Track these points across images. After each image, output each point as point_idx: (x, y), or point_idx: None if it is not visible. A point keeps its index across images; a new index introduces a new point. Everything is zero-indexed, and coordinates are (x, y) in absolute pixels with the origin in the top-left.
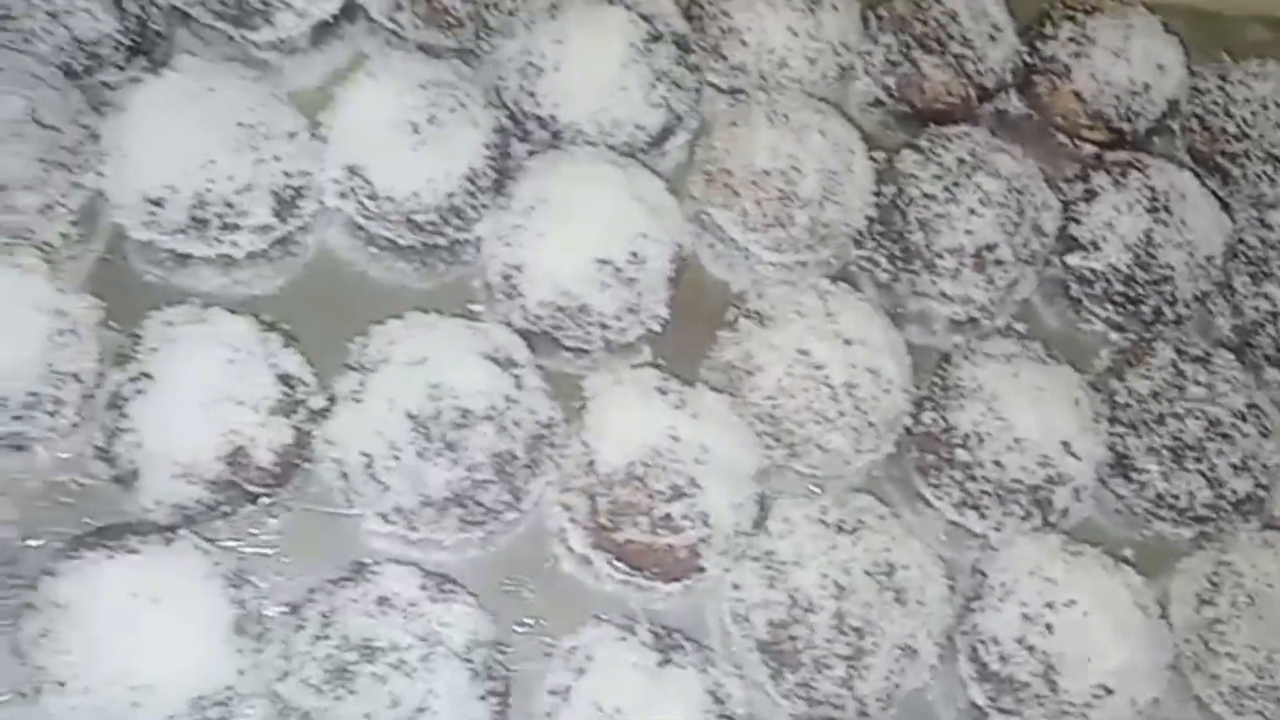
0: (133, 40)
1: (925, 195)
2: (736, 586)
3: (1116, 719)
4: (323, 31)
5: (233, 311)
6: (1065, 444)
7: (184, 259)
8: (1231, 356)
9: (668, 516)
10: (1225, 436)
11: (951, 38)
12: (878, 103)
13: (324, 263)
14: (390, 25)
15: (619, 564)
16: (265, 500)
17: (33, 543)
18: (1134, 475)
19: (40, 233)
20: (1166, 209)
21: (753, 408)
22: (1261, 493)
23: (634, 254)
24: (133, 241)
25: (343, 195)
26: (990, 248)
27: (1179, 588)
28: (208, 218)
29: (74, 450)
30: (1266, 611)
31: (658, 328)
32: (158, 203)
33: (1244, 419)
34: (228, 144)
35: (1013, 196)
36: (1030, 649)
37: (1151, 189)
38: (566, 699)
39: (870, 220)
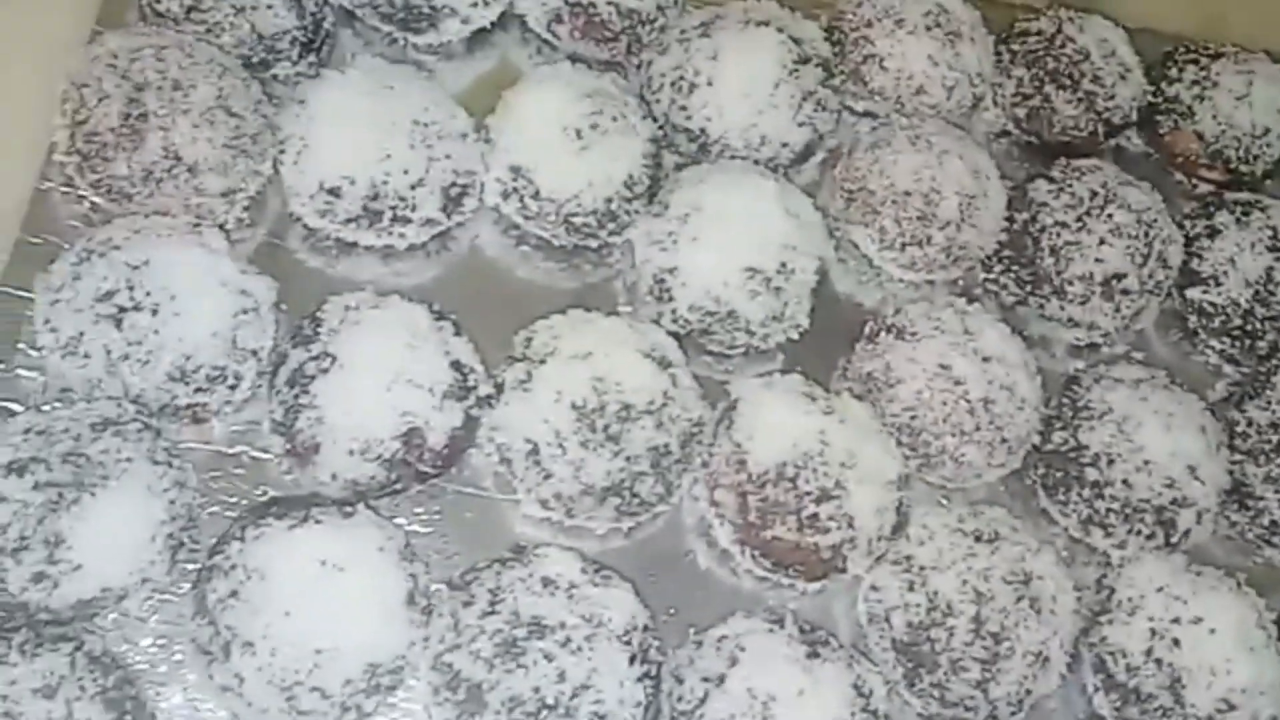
0: (308, 37)
1: (1058, 223)
2: (875, 588)
3: None
4: (478, 38)
5: (408, 299)
6: (1191, 468)
7: (348, 248)
8: None
9: (815, 516)
10: None
11: (1084, 75)
12: (1004, 133)
13: (476, 260)
14: (547, 36)
15: (763, 560)
16: (432, 483)
17: (209, 510)
18: (1250, 503)
19: (219, 216)
20: None
21: (891, 418)
22: None
23: (783, 264)
24: (298, 229)
25: (505, 195)
26: (1119, 277)
27: None
28: (381, 209)
29: (247, 424)
30: None
31: (796, 336)
32: (334, 192)
33: None
34: (404, 140)
35: (1141, 229)
36: (1158, 662)
37: (1273, 229)
38: (720, 685)
39: (1000, 245)
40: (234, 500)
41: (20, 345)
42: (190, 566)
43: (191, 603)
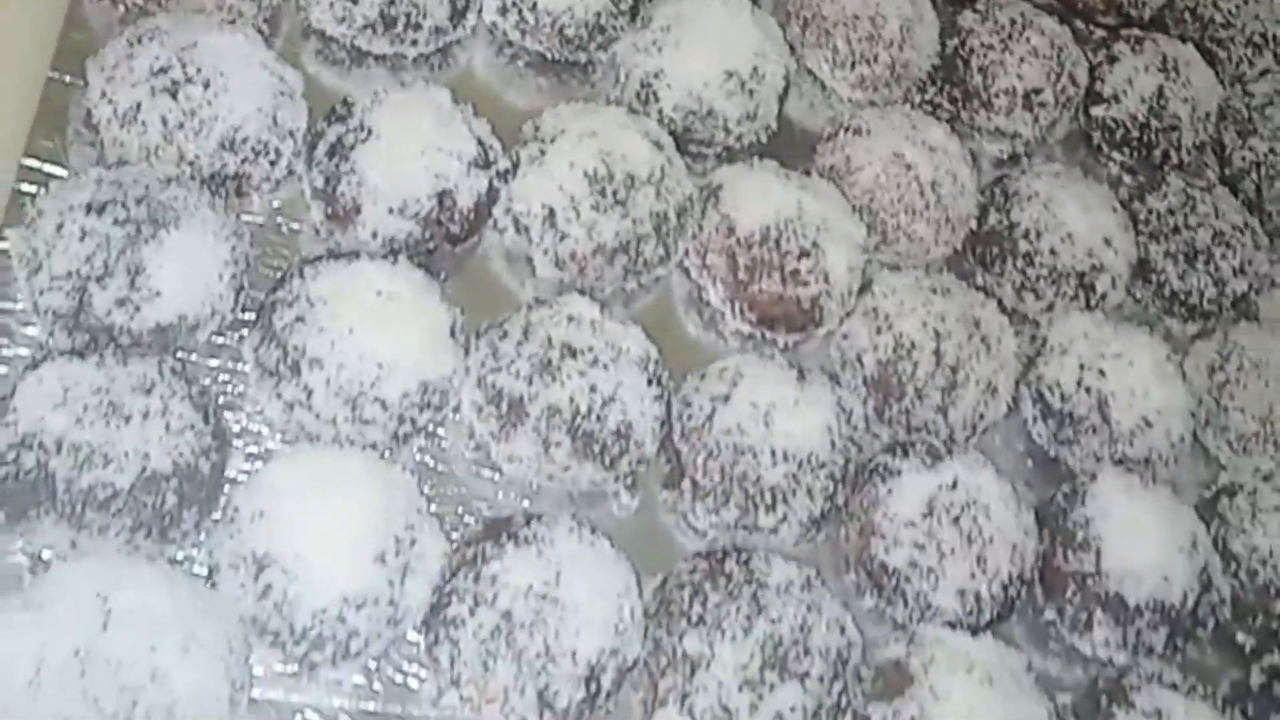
0: None
1: (984, 45)
2: (846, 336)
3: (1155, 448)
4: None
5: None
6: (1107, 239)
7: (360, 59)
8: (1225, 190)
9: (796, 271)
10: (1227, 245)
11: None
12: None
13: (474, 78)
14: None
15: (749, 315)
16: (459, 247)
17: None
18: (1153, 277)
19: (248, 18)
20: (1175, 70)
21: (853, 201)
22: (1255, 294)
23: (755, 68)
24: (312, 44)
25: (504, 10)
26: (1037, 91)
27: (1192, 363)
28: (397, 15)
29: (284, 199)
30: (1267, 375)
31: (766, 139)
32: None
33: (1241, 231)
34: None
35: (1054, 50)
36: (1087, 389)
37: (1163, 55)
38: (726, 401)
39: (934, 68)
40: (278, 267)
41: (71, 125)
42: (249, 314)
43: (257, 334)
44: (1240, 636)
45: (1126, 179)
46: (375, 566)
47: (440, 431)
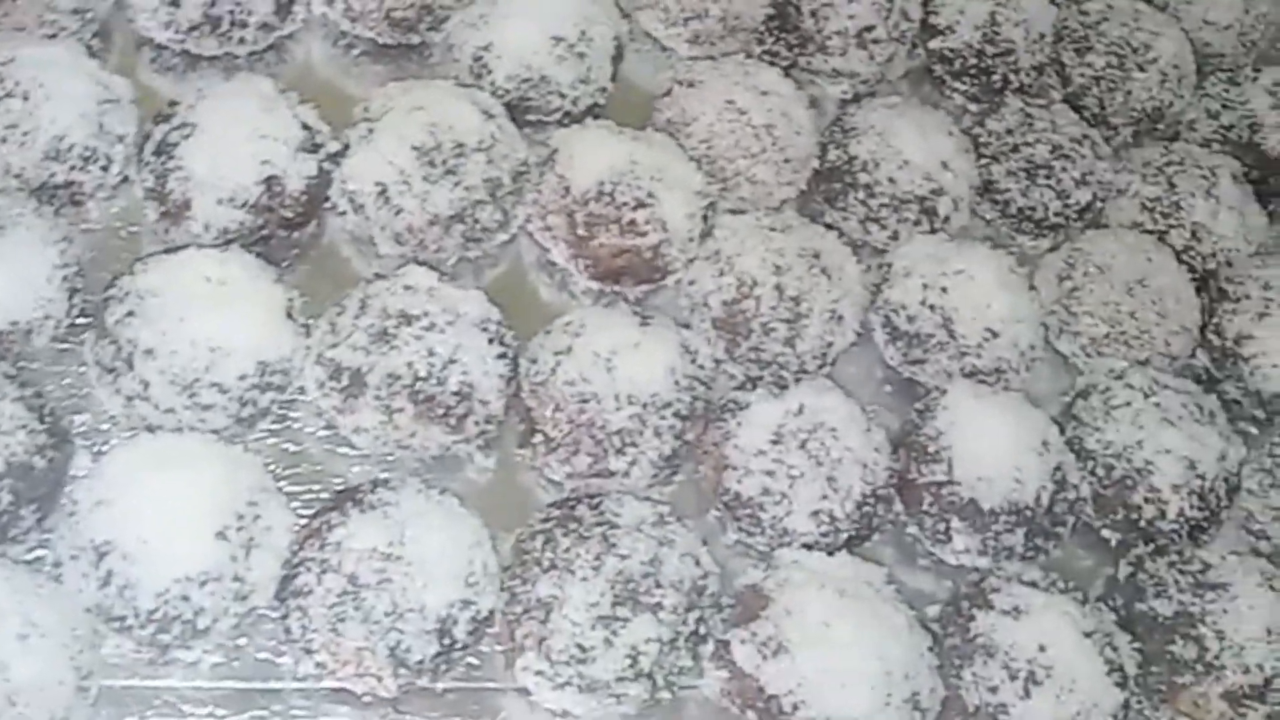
0: None
1: None
2: (692, 281)
3: (1003, 358)
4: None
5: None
6: (944, 163)
7: (193, 62)
8: (1065, 107)
9: (633, 222)
10: (1067, 156)
11: None
12: None
13: (310, 70)
14: None
15: (594, 269)
16: (296, 234)
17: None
18: (998, 196)
19: (72, 33)
20: None
21: (691, 152)
22: (1099, 203)
23: (582, 32)
24: (146, 52)
25: (330, 1)
26: (870, 29)
27: (1042, 275)
28: (220, 15)
29: (120, 206)
30: (1112, 277)
31: (603, 101)
32: (175, 2)
33: (1080, 143)
34: None
35: None
36: (931, 307)
37: None
38: (569, 352)
39: (769, 17)
40: (120, 272)
41: None
42: (85, 319)
43: (93, 333)
44: (1105, 533)
45: (971, 107)
46: (217, 543)
47: (291, 412)
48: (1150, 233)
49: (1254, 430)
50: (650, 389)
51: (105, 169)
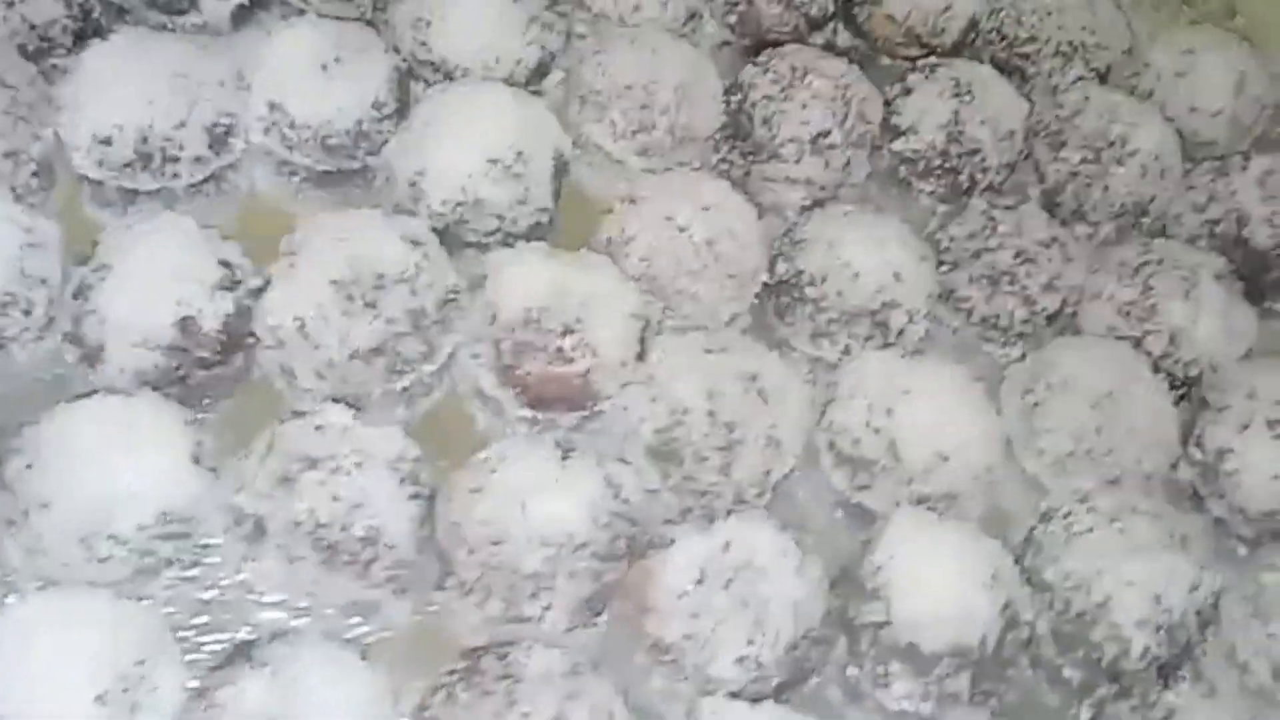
0: (78, 25)
1: (765, 96)
2: (625, 408)
3: (955, 483)
4: (240, 16)
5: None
6: (897, 274)
7: (131, 196)
8: (1036, 206)
9: (560, 349)
10: (1032, 260)
11: None
12: (725, 43)
13: (257, 194)
14: (299, 4)
15: (523, 397)
16: (216, 373)
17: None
18: (961, 305)
19: (7, 177)
20: (970, 93)
21: (630, 270)
22: (1071, 309)
23: (519, 153)
24: (87, 188)
25: (266, 130)
26: (824, 134)
27: (1007, 388)
28: (151, 152)
29: (46, 350)
30: (1078, 390)
31: (545, 220)
32: (107, 141)
33: (1048, 246)
34: (165, 88)
35: (839, 91)
36: (876, 430)
37: (955, 79)
38: (482, 492)
39: (722, 127)
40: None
41: None
42: None
43: None
44: (1067, 671)
45: (941, 208)
46: (95, 708)
47: (204, 558)
48: (1125, 339)
49: (1243, 551)
50: (566, 529)
51: (28, 313)
